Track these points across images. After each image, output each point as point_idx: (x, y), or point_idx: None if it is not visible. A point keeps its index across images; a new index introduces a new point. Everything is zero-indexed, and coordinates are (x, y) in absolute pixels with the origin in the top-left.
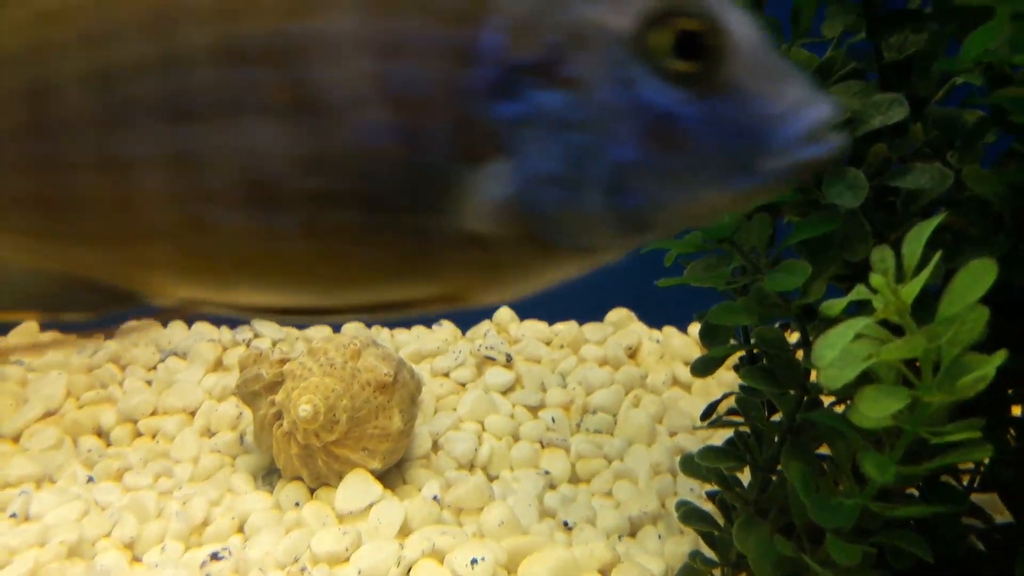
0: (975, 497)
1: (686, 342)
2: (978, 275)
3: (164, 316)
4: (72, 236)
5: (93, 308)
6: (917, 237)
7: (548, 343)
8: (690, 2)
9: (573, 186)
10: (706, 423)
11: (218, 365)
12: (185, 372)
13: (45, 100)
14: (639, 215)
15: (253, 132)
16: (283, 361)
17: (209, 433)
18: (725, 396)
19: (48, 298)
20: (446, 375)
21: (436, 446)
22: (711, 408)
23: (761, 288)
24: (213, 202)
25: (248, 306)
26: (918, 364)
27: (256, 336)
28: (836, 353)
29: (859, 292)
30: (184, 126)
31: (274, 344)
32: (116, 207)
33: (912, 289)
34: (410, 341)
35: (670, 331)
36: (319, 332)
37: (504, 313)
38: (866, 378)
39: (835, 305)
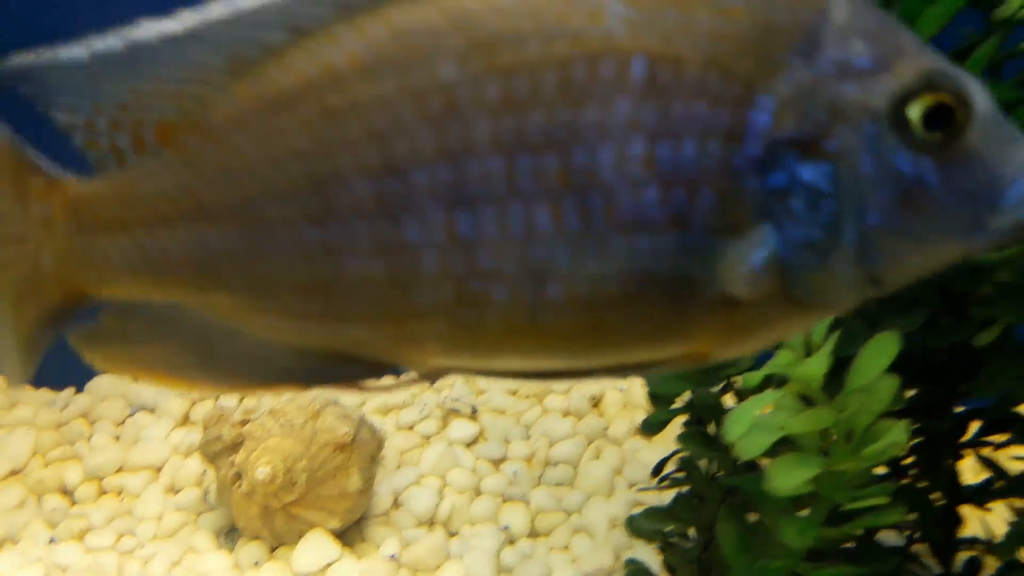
0: (919, 548)
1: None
2: (883, 348)
3: (413, 382)
4: (345, 317)
5: (352, 380)
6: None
7: (514, 393)
8: (942, 78)
9: (828, 250)
10: (656, 481)
11: (186, 420)
12: (153, 427)
13: (330, 192)
14: (882, 273)
15: (530, 214)
16: (244, 422)
17: (174, 490)
18: (673, 454)
19: (309, 372)
20: (411, 428)
21: (397, 502)
22: (660, 465)
23: None
24: (487, 280)
25: (504, 371)
26: (833, 434)
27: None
28: (743, 427)
29: (773, 365)
30: (464, 211)
31: (241, 399)
32: (392, 289)
33: (815, 366)
34: (377, 393)
35: (634, 379)
36: None
37: None
38: (788, 445)
39: (754, 377)
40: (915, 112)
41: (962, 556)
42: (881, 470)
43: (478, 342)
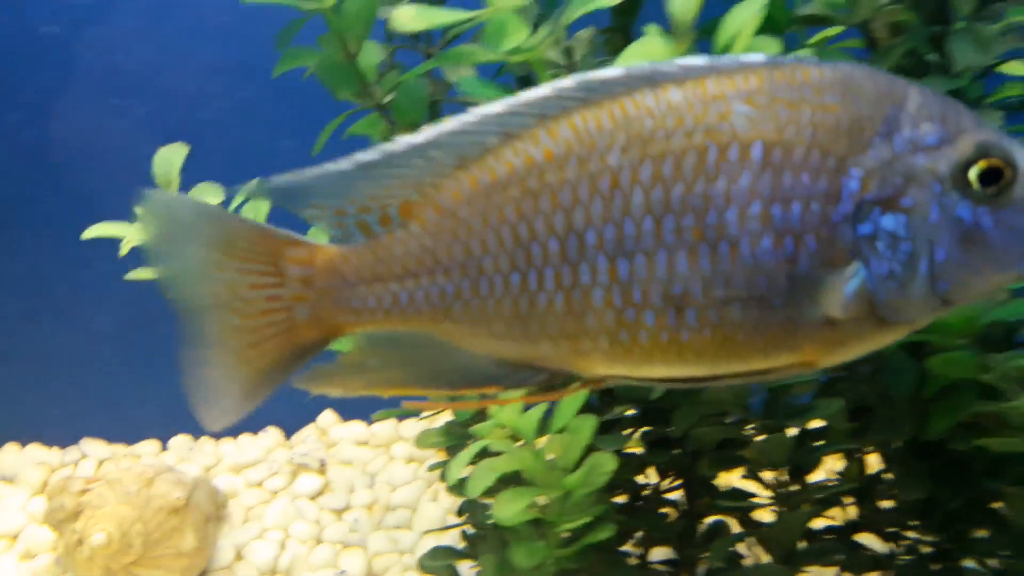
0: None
1: None
2: (578, 395)
3: (589, 385)
4: (536, 337)
5: (537, 383)
6: None
7: (365, 443)
8: (993, 147)
9: (907, 280)
10: (462, 519)
11: (43, 488)
12: (11, 497)
13: (529, 249)
14: (950, 297)
15: (673, 260)
16: (84, 491)
17: (29, 556)
18: None
19: (505, 378)
20: (260, 484)
21: (239, 556)
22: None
23: None
24: (640, 310)
25: (655, 378)
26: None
27: (84, 457)
28: (459, 470)
29: (498, 418)
30: (623, 259)
31: (100, 464)
32: (570, 317)
33: (528, 419)
34: (232, 452)
35: None
36: (145, 447)
37: (327, 417)
38: (516, 480)
39: (483, 428)
40: (973, 174)
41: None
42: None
43: (632, 356)
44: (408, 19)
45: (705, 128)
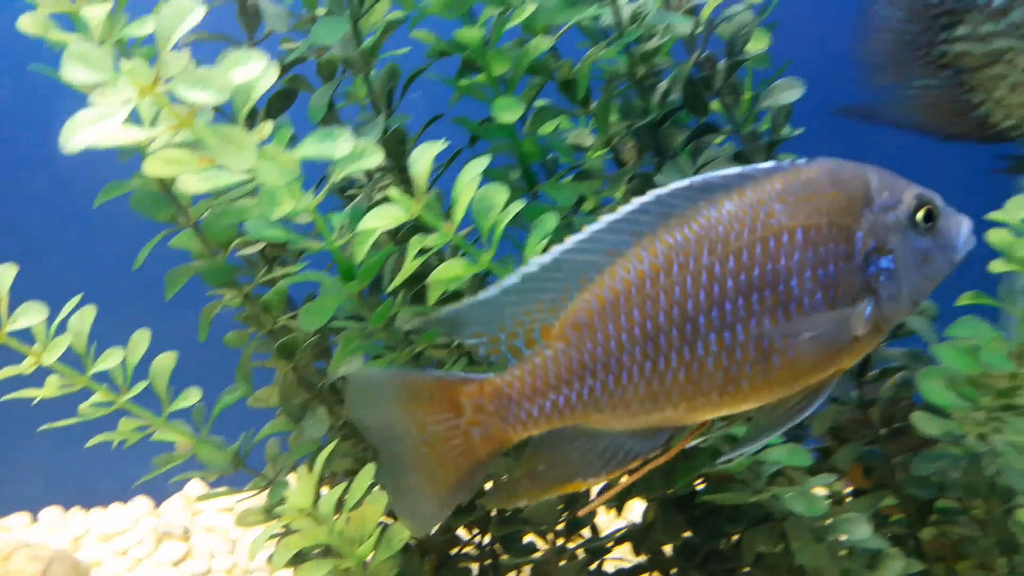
0: None
1: None
2: (368, 472)
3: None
4: (662, 407)
5: (663, 442)
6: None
7: (229, 510)
8: (924, 195)
9: (899, 298)
10: None
11: None
12: None
13: (654, 341)
14: (917, 300)
15: (761, 323)
16: None
17: None
18: None
19: (640, 447)
20: (125, 552)
21: None
22: None
23: None
24: (742, 365)
25: (738, 414)
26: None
27: None
28: (258, 550)
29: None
30: (725, 330)
31: None
32: (688, 385)
33: (302, 497)
34: (101, 521)
35: None
36: (16, 520)
37: (194, 485)
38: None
39: (284, 509)
40: (919, 216)
41: None
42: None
43: (735, 400)
44: (192, 184)
45: (761, 225)
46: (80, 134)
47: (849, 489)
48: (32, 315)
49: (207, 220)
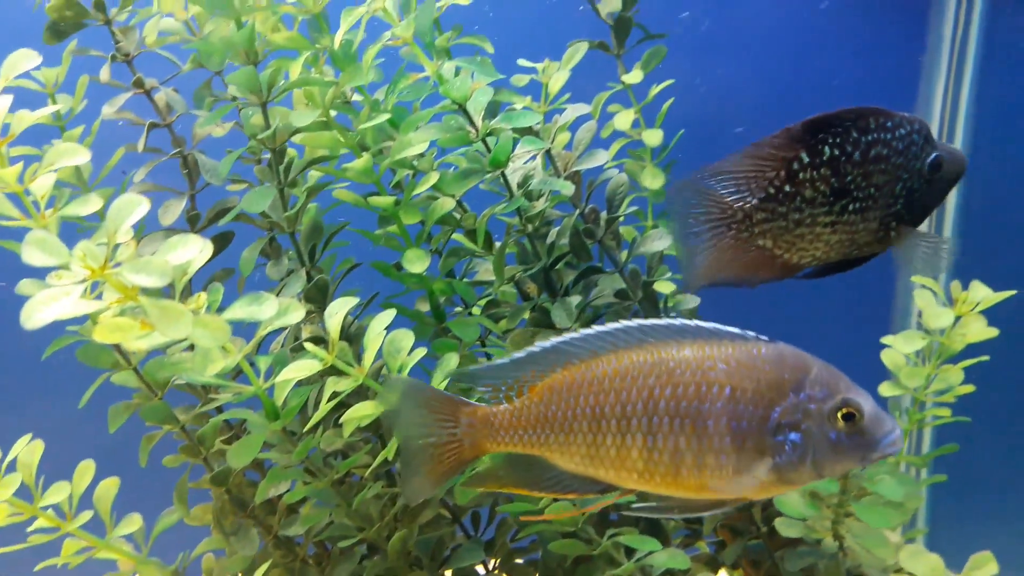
0: None
1: None
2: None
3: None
4: (598, 466)
5: (597, 490)
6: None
7: None
8: (852, 401)
9: (800, 466)
10: None
11: None
12: None
13: (599, 418)
14: (823, 474)
15: (678, 440)
16: None
17: None
18: None
19: (579, 487)
20: None
21: None
22: None
23: None
24: (657, 463)
25: (661, 496)
26: None
27: None
28: None
29: None
30: (650, 436)
31: None
32: (619, 459)
33: None
34: None
35: None
36: None
37: None
38: None
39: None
40: (839, 415)
41: None
42: None
43: (652, 483)
44: (135, 344)
45: (702, 372)
46: (41, 312)
47: None
48: None
49: (146, 368)
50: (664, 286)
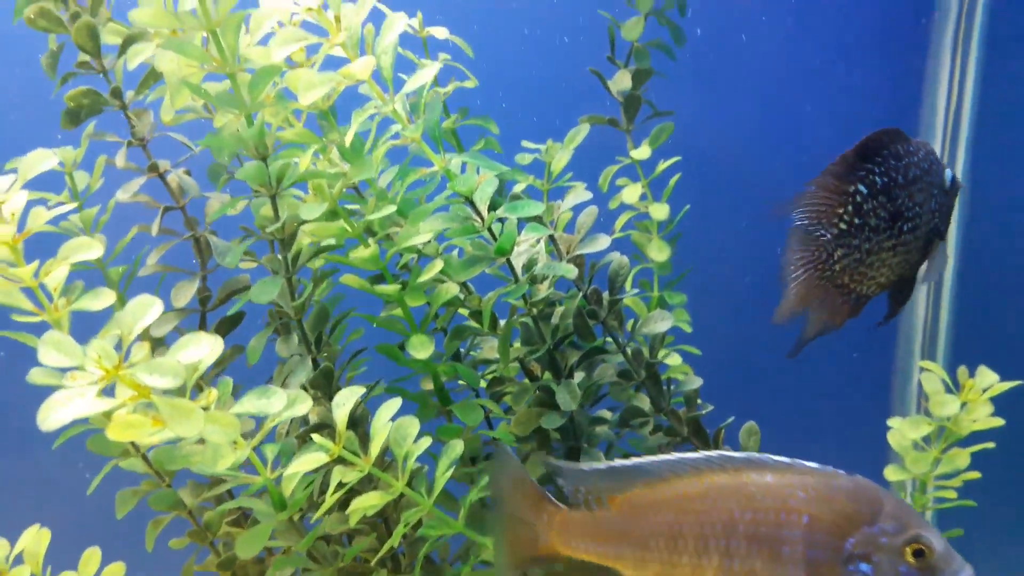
0: None
1: None
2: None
3: None
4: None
5: None
6: None
7: None
8: (923, 537)
9: None
10: None
11: None
12: None
13: (675, 540)
14: None
15: (753, 564)
16: None
17: None
18: None
19: None
20: None
21: None
22: None
23: None
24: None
25: None
26: None
27: None
28: None
29: None
30: (727, 559)
31: None
32: (663, 572)
33: None
34: None
35: None
36: None
37: None
38: None
39: None
40: (909, 550)
41: None
42: None
43: None
44: (146, 439)
45: (782, 499)
46: (57, 413)
47: None
48: None
49: (155, 457)
50: (670, 359)
